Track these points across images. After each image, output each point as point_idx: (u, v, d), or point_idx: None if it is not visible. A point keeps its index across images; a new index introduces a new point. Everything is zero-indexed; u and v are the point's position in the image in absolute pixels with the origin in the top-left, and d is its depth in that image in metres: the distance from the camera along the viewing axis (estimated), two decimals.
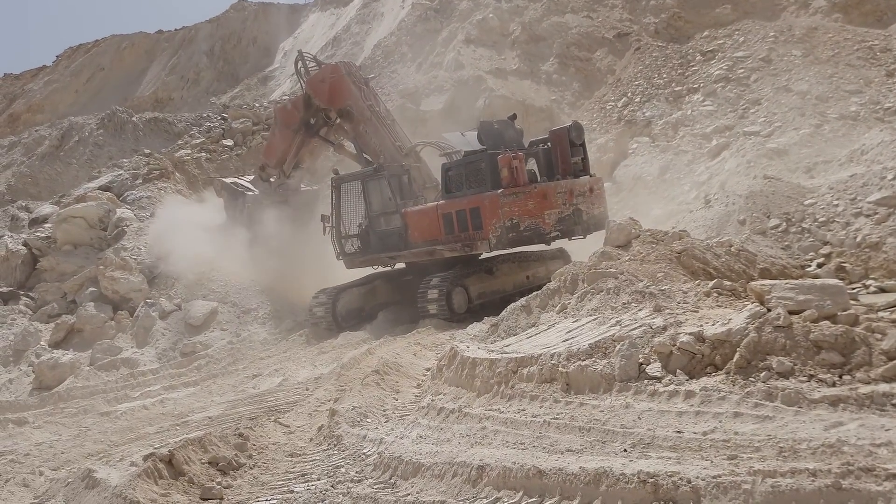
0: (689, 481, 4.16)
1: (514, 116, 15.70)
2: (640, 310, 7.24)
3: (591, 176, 15.01)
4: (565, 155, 14.67)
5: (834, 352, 5.18)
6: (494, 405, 6.66)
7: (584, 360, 6.25)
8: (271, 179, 19.14)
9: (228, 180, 20.33)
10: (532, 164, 14.64)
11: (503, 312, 9.79)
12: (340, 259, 16.24)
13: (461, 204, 14.00)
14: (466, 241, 13.97)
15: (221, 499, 6.29)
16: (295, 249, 17.07)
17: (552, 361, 6.47)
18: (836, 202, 12.25)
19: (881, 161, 13.19)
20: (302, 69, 18.93)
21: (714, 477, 4.10)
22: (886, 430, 4.21)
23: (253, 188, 19.30)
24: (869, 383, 4.87)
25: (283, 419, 8.56)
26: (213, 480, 6.57)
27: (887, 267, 10.86)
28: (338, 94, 17.42)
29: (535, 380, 6.56)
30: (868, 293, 9.84)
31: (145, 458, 6.70)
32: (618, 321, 7.08)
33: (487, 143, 14.20)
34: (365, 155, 16.99)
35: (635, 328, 6.55)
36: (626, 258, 9.43)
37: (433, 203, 14.75)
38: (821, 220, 12.12)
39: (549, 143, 14.91)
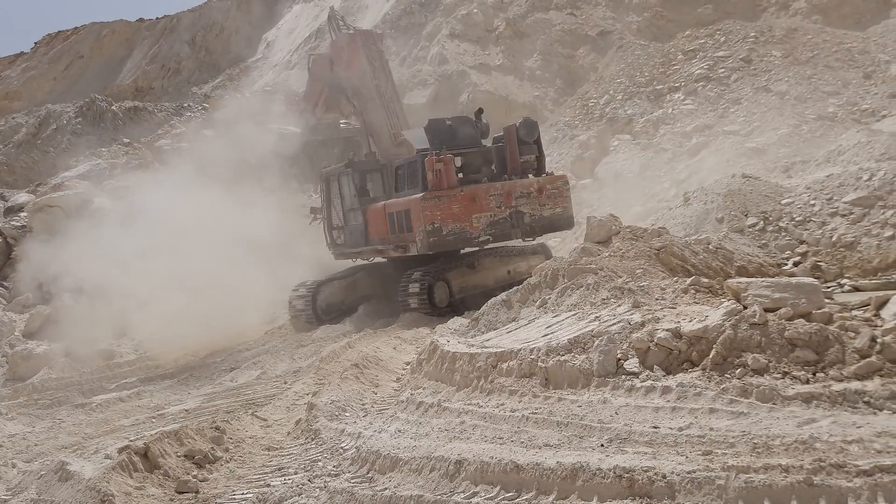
0: (665, 476, 4.20)
1: (479, 111, 15.47)
2: (619, 306, 7.28)
3: (547, 175, 14.75)
4: (514, 154, 14.43)
5: (808, 349, 5.25)
6: (473, 400, 6.67)
7: (562, 355, 6.28)
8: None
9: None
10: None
11: (484, 307, 9.80)
12: (330, 250, 16.35)
13: (399, 205, 14.05)
14: (401, 243, 14.03)
15: (197, 492, 6.26)
16: None
17: (531, 356, 6.50)
18: (812, 202, 12.39)
19: (857, 162, 13.36)
20: (333, 28, 18.78)
21: (689, 472, 4.14)
22: (858, 428, 4.27)
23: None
24: (842, 381, 4.94)
25: (261, 412, 8.52)
26: (188, 474, 6.53)
27: (862, 266, 11.00)
28: (350, 65, 17.20)
29: (514, 375, 6.58)
30: (842, 292, 9.97)
31: (120, 450, 6.64)
32: (597, 317, 7.12)
33: (435, 142, 14.10)
34: (370, 135, 16.91)
35: (614, 324, 6.59)
36: (606, 254, 9.47)
37: (382, 203, 14.82)
38: (797, 219, 12.24)
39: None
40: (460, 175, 14.53)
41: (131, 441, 7.30)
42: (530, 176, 14.70)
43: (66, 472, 6.53)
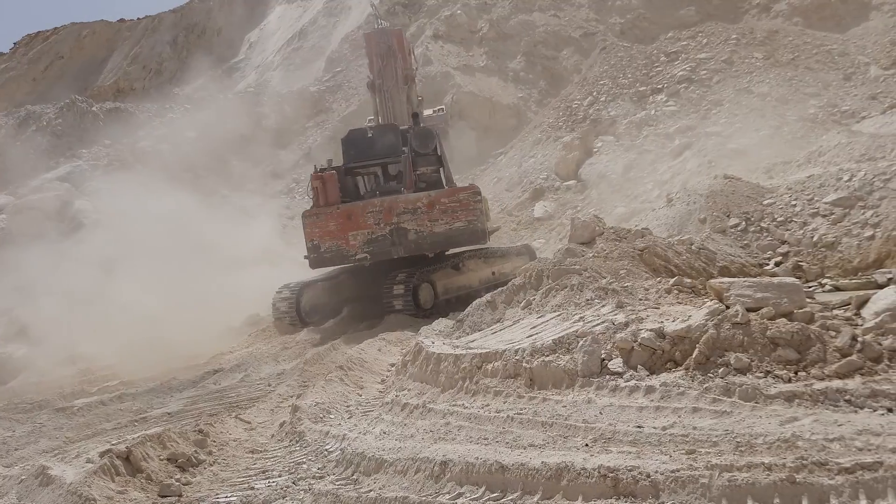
0: (649, 475, 4.22)
1: (415, 116, 15.29)
2: (603, 306, 7.31)
3: (448, 187, 14.26)
4: (408, 167, 14.11)
5: (790, 348, 5.29)
6: (458, 401, 6.67)
7: (547, 355, 6.29)
8: None
9: None
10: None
11: (468, 308, 9.80)
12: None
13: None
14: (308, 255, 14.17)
15: (180, 496, 6.20)
16: None
17: (516, 357, 6.50)
18: (793, 202, 12.49)
19: (838, 163, 13.50)
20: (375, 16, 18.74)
21: (673, 471, 4.16)
22: (839, 426, 4.31)
23: None
24: (823, 379, 4.99)
25: (245, 415, 8.47)
26: (171, 477, 6.47)
27: (842, 266, 11.11)
28: (369, 60, 17.29)
29: (499, 375, 6.58)
30: (823, 291, 10.05)
31: (102, 454, 6.57)
32: (581, 317, 7.14)
33: (350, 153, 14.02)
34: None
35: (598, 324, 6.61)
36: (590, 255, 9.51)
37: None
38: (779, 219, 12.34)
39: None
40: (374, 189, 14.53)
41: (113, 445, 7.22)
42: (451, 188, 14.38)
43: (46, 477, 6.45)
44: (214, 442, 7.31)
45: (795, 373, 5.15)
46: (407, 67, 17.13)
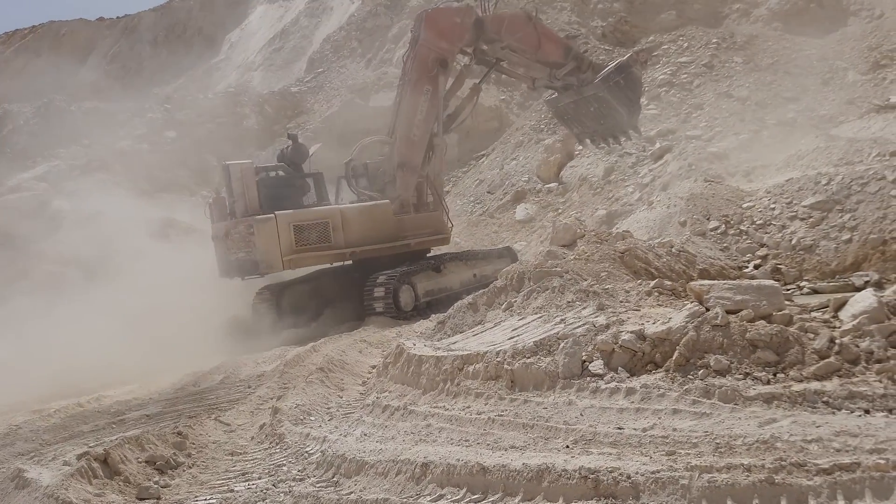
0: (629, 477, 4.23)
1: (290, 136, 16.19)
2: (584, 308, 7.34)
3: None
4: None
5: (769, 350, 5.34)
6: (440, 402, 6.67)
7: (528, 357, 6.30)
8: None
9: None
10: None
11: (450, 310, 9.80)
12: None
13: None
14: None
15: (158, 498, 6.14)
16: None
17: (498, 359, 6.51)
18: (772, 206, 12.61)
19: (816, 166, 13.63)
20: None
21: (653, 472, 4.18)
22: (817, 427, 4.35)
23: None
24: (801, 381, 5.04)
25: (224, 417, 8.40)
26: (150, 480, 6.41)
27: (820, 269, 11.23)
28: None
29: (480, 377, 6.58)
30: (802, 294, 10.16)
31: (79, 456, 6.49)
32: (562, 319, 7.16)
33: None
34: None
35: (579, 326, 6.63)
36: (572, 257, 9.54)
37: None
38: (758, 222, 12.45)
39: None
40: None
41: (90, 447, 7.14)
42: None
43: (22, 480, 6.36)
44: (193, 444, 7.25)
45: (774, 374, 5.20)
46: None
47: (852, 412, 4.59)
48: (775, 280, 9.34)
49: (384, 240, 14.72)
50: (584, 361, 6.00)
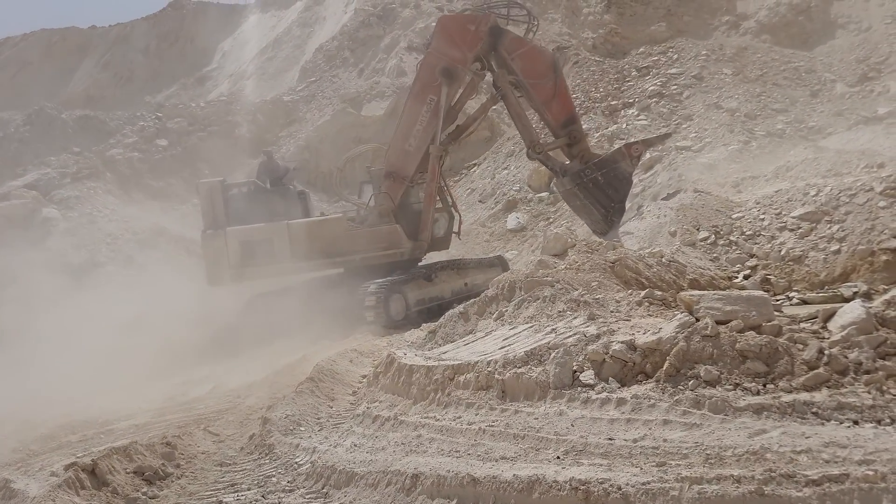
0: (620, 488, 4.23)
1: (266, 151, 16.55)
2: (575, 318, 7.34)
3: None
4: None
5: (758, 361, 5.35)
6: (430, 413, 6.65)
7: (519, 367, 6.30)
8: None
9: None
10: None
11: (441, 319, 9.79)
12: None
13: None
14: None
15: None
16: None
17: (488, 369, 6.50)
18: (762, 216, 12.67)
19: (804, 178, 13.72)
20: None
21: (643, 484, 4.18)
22: (807, 438, 4.36)
23: None
24: (791, 392, 5.05)
25: (213, 427, 8.36)
26: (138, 490, 6.37)
27: (809, 279, 11.28)
28: None
29: (471, 387, 6.57)
30: (791, 305, 10.18)
31: (67, 467, 6.45)
32: (553, 329, 7.16)
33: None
34: None
35: (570, 336, 6.63)
36: (563, 267, 9.56)
37: None
38: (748, 233, 12.51)
39: None
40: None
41: (78, 457, 7.08)
42: None
43: (9, 491, 6.31)
44: (182, 455, 7.21)
45: (764, 385, 5.21)
46: None
47: (841, 423, 4.61)
48: (765, 290, 9.39)
49: (336, 254, 14.72)
50: (575, 371, 6.00)
